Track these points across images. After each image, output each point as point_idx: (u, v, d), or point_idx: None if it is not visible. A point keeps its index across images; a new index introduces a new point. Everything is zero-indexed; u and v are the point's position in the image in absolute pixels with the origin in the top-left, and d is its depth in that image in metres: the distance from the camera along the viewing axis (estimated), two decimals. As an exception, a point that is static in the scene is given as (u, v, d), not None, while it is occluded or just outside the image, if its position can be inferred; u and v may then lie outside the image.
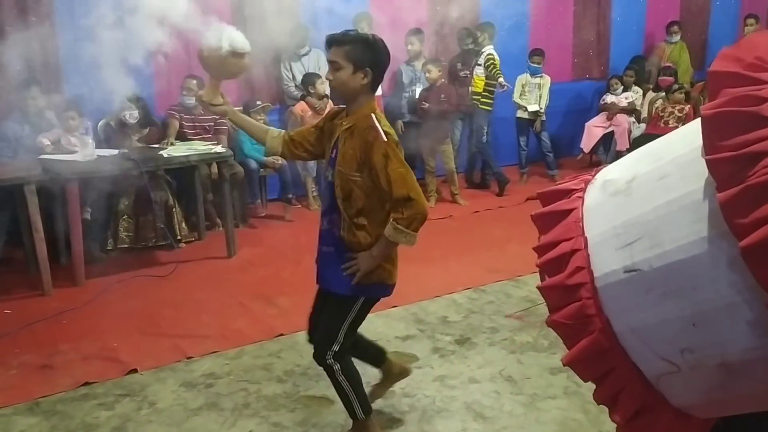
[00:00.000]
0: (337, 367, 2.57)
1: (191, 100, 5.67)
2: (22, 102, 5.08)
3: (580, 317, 1.03)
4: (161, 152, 5.01)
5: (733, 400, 0.99)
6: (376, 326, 3.71)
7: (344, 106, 2.60)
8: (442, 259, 4.95)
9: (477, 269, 4.74)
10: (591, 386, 1.15)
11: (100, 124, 5.56)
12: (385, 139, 2.42)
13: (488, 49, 6.87)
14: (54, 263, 4.62)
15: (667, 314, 0.95)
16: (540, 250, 1.13)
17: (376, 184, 2.44)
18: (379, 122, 2.47)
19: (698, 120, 0.94)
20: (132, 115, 5.34)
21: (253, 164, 5.97)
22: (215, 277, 4.75)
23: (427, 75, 6.46)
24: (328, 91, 6.43)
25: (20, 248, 4.78)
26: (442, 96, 6.47)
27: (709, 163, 0.88)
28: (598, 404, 1.12)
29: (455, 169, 6.73)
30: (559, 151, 7.82)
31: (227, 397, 3.12)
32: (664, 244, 0.94)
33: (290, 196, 6.27)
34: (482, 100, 6.92)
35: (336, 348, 2.55)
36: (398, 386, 3.15)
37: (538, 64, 7.32)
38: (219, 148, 5.26)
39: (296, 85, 6.44)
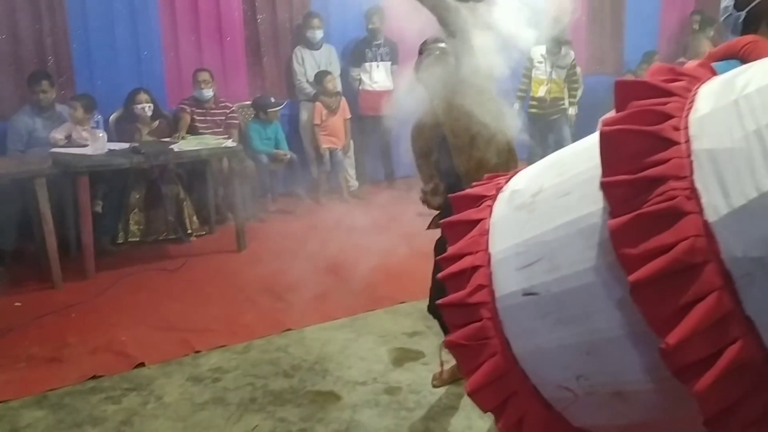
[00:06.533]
0: None
1: (202, 94, 5.69)
2: (33, 95, 5.10)
3: (479, 338, 0.98)
4: (172, 146, 5.01)
5: (632, 427, 0.96)
6: (383, 322, 3.70)
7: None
8: (452, 254, 4.91)
9: (487, 265, 4.69)
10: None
11: (112, 117, 5.58)
12: None
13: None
14: (64, 257, 4.63)
15: (563, 341, 0.91)
16: (445, 261, 1.06)
17: None
18: None
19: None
20: (149, 108, 5.36)
21: (264, 158, 5.97)
22: (224, 271, 4.75)
23: None
24: (339, 88, 6.43)
25: (31, 242, 4.79)
26: None
27: (603, 185, 0.83)
28: None
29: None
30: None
31: (234, 391, 3.12)
32: (562, 268, 0.89)
33: (300, 191, 6.27)
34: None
35: None
36: (405, 383, 3.14)
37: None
38: (229, 143, 5.26)
39: (308, 81, 6.39)
